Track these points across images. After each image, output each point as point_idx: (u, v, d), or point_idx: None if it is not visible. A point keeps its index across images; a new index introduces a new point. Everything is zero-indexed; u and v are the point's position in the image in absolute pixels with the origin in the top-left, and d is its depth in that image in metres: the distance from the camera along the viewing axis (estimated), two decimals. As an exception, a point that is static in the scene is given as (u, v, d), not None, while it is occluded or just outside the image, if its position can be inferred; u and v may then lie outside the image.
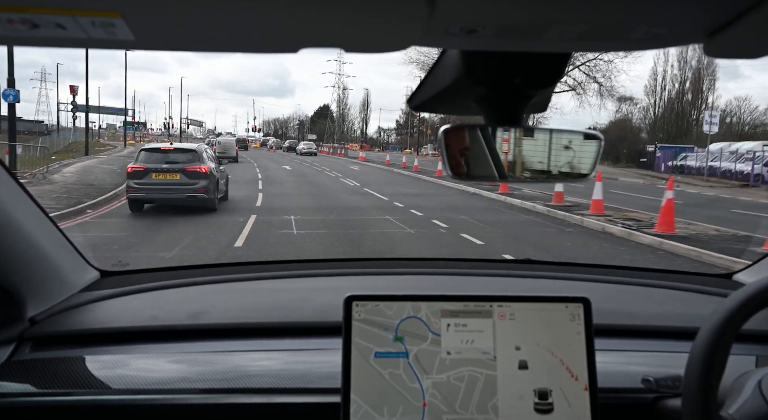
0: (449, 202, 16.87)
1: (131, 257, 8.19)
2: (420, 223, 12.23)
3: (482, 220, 12.87)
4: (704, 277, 1.98)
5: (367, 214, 13.59)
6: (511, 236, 11.25)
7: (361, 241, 10.23)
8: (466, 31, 0.57)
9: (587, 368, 1.13)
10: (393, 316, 1.13)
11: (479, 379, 1.10)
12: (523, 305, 1.16)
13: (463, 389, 1.10)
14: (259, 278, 1.86)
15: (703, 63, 55.26)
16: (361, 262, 2.29)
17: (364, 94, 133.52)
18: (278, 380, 1.28)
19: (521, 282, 1.90)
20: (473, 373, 1.11)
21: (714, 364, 0.95)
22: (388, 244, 10.05)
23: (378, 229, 11.57)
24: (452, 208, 14.97)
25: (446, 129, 0.90)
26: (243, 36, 0.55)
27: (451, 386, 1.10)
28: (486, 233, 11.12)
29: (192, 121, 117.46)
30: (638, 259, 9.22)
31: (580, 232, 11.90)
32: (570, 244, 10.58)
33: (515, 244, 10.41)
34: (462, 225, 12.03)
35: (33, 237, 1.46)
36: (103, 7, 0.48)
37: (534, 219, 13.66)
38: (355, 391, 1.09)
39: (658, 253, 9.78)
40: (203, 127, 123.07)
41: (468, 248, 9.79)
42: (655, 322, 1.61)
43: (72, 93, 42.72)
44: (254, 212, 13.14)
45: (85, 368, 1.35)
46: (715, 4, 0.52)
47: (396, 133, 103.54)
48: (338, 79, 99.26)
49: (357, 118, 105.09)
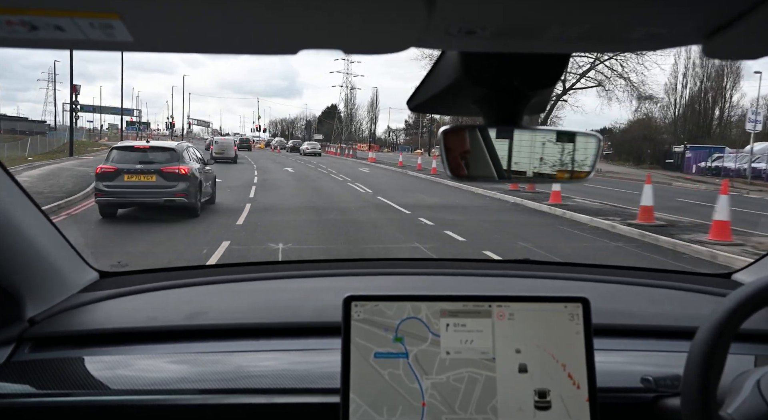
0: (491, 217, 12.78)
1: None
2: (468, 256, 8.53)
3: (555, 250, 9.12)
4: (703, 277, 1.98)
5: (387, 239, 9.96)
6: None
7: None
8: (466, 32, 0.57)
9: (586, 368, 1.13)
10: (393, 317, 1.13)
11: (479, 380, 1.11)
12: (522, 305, 1.16)
13: (463, 390, 1.10)
14: (257, 279, 1.86)
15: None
16: (360, 262, 2.30)
17: (372, 93, 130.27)
18: (278, 380, 1.28)
19: (520, 282, 1.90)
20: (473, 374, 1.11)
21: (713, 363, 0.95)
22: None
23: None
24: (501, 228, 11.15)
25: (446, 130, 0.90)
26: (242, 37, 0.55)
27: (451, 387, 1.10)
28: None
29: (199, 122, 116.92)
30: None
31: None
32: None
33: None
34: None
35: (32, 238, 1.46)
36: (101, 9, 0.48)
37: (631, 249, 9.47)
38: (354, 391, 1.09)
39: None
40: (209, 127, 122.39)
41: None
42: (654, 322, 1.61)
43: (73, 92, 42.50)
44: (230, 235, 9.57)
45: (85, 369, 1.35)
46: (714, 5, 0.52)
47: (405, 134, 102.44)
48: (346, 79, 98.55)
49: (365, 118, 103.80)
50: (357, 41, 0.58)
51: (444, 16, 0.52)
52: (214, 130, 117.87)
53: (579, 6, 0.52)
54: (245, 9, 0.49)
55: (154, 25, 0.52)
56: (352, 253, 8.97)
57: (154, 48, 0.58)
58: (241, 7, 0.48)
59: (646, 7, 0.52)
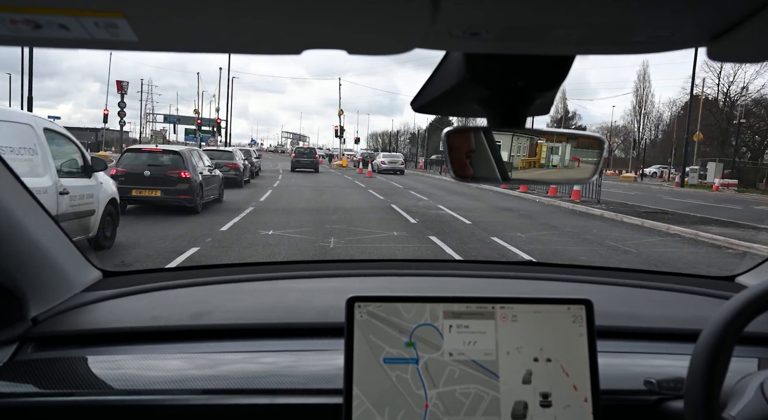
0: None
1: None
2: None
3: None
4: (707, 280, 1.97)
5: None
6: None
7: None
8: (470, 34, 0.57)
9: (589, 370, 1.13)
10: (410, 321, 1.13)
11: (484, 399, 1.10)
12: (526, 307, 1.16)
13: (467, 405, 1.10)
14: (261, 279, 1.87)
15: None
16: (364, 263, 2.30)
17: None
18: (281, 381, 1.28)
19: (524, 284, 1.90)
20: (480, 392, 1.10)
21: (716, 366, 0.95)
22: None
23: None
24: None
25: (449, 131, 0.90)
26: (246, 37, 0.55)
27: (456, 401, 1.10)
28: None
29: (295, 136, 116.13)
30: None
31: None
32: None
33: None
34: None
35: (36, 237, 1.46)
36: (105, 8, 0.48)
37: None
38: (359, 387, 1.08)
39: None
40: (306, 141, 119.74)
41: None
42: (657, 324, 1.61)
43: (120, 91, 41.49)
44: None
45: (88, 368, 1.35)
46: (718, 7, 0.52)
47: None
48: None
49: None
50: (361, 42, 0.58)
51: (448, 17, 0.52)
52: (291, 140, 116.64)
53: (583, 8, 0.52)
54: (249, 9, 0.49)
55: (159, 24, 0.52)
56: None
57: (158, 47, 0.59)
58: (245, 7, 0.48)
59: (650, 9, 0.52)
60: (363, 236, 11.14)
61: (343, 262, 2.28)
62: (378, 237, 11.19)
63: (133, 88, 72.49)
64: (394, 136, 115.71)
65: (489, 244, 10.76)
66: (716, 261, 10.28)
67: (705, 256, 10.84)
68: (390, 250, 9.90)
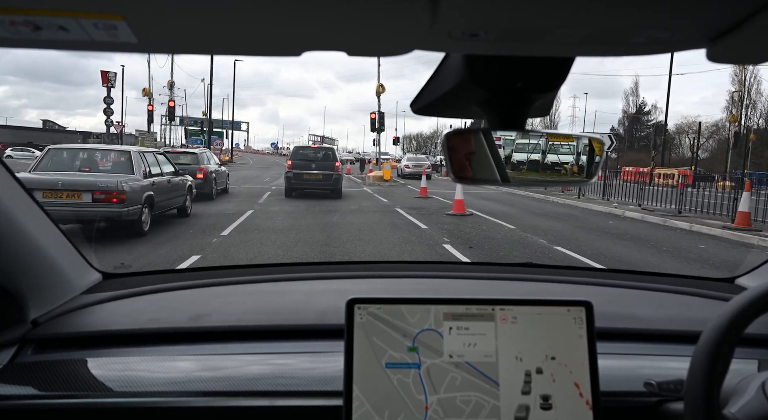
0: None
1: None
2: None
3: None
4: (707, 282, 1.97)
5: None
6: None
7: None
8: (469, 35, 0.57)
9: (589, 372, 1.13)
10: (414, 325, 1.13)
11: (485, 407, 1.10)
12: (526, 308, 1.16)
13: (468, 412, 1.10)
14: (261, 281, 1.86)
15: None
16: (363, 265, 2.30)
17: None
18: (281, 383, 1.28)
19: (524, 285, 1.90)
20: (481, 400, 1.10)
21: (716, 367, 0.95)
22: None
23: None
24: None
25: (449, 133, 0.90)
26: (245, 38, 0.55)
27: (457, 408, 1.10)
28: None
29: (323, 138, 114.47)
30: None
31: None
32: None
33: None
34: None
35: (35, 239, 1.46)
36: (105, 10, 0.48)
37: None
38: (359, 388, 1.08)
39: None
40: (334, 144, 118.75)
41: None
42: (657, 326, 1.61)
43: (106, 83, 40.99)
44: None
45: (88, 370, 1.35)
46: (718, 9, 0.52)
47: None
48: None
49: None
50: (360, 43, 0.58)
51: (447, 18, 0.52)
52: (315, 141, 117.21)
53: (583, 9, 0.52)
54: (249, 10, 0.49)
55: (158, 26, 0.52)
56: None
57: (158, 49, 0.59)
58: (245, 9, 0.48)
59: (650, 10, 0.52)
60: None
61: (343, 263, 2.28)
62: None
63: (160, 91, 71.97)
64: (430, 137, 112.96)
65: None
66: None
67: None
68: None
